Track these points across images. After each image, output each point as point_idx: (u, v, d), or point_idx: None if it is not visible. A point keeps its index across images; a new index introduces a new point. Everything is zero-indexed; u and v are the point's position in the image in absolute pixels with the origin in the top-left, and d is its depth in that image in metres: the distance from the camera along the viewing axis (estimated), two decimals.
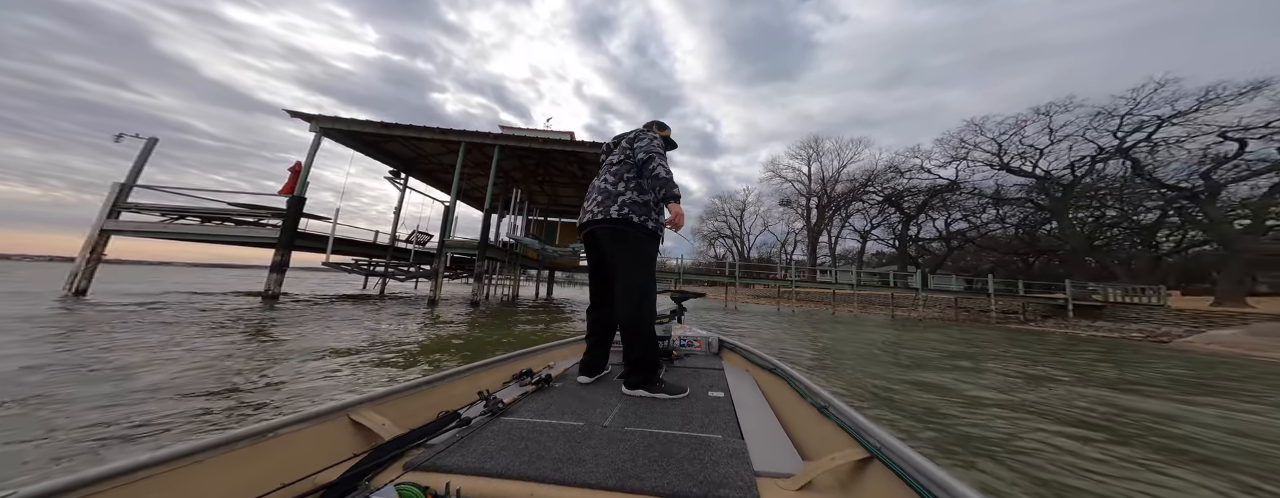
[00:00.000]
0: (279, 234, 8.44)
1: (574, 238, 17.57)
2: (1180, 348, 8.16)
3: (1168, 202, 18.48)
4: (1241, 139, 16.14)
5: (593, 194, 1.51)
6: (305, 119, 9.97)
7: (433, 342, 4.23)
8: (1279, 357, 6.82)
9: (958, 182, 24.05)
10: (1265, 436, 2.37)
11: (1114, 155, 19.06)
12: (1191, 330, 9.84)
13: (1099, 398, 3.14)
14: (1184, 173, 17.48)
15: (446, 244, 10.36)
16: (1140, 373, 4.55)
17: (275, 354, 3.18)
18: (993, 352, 5.96)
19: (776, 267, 22.39)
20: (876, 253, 33.01)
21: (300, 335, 4.09)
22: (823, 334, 7.64)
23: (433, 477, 0.74)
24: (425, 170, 14.12)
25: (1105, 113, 18.89)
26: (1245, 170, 16.19)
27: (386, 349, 3.64)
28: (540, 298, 16.96)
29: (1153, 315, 12.44)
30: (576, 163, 12.66)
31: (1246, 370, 5.23)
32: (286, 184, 9.01)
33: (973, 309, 16.69)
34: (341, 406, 0.91)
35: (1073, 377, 4.06)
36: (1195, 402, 3.20)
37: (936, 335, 8.43)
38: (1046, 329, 11.69)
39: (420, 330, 5.00)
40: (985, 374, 3.98)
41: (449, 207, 10.76)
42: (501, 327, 5.97)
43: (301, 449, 0.80)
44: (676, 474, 0.74)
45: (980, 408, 2.65)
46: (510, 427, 0.98)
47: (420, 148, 11.93)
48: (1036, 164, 21.39)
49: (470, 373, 1.32)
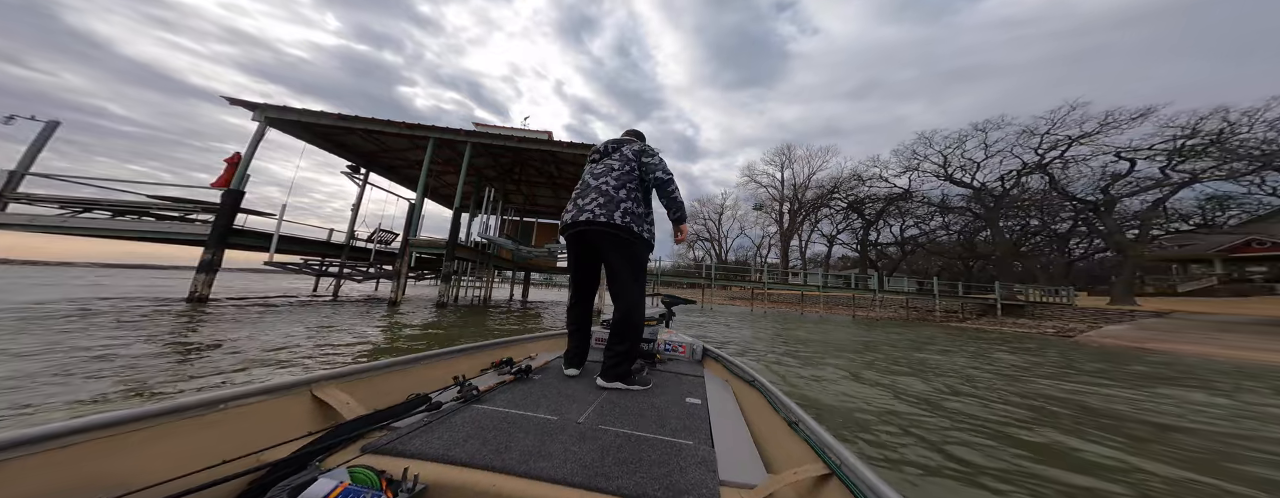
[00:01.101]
0: (210, 231, 7.61)
1: (551, 238, 17.13)
2: (1082, 341, 9.51)
3: (1077, 213, 21.34)
4: (1131, 159, 19.01)
5: (588, 193, 1.49)
6: (248, 107, 9.11)
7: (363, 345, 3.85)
8: (1156, 347, 8.20)
9: (910, 191, 26.15)
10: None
11: (1034, 170, 21.66)
12: (1092, 326, 11.48)
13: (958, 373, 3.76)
14: (1090, 188, 20.29)
15: (411, 243, 9.89)
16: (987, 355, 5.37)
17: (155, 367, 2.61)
18: (893, 340, 6.74)
19: (752, 269, 23.32)
20: (842, 257, 35.27)
21: (208, 343, 3.47)
22: (788, 333, 8.02)
23: (391, 461, 0.71)
24: (388, 166, 13.33)
25: (1029, 131, 21.37)
26: (1136, 186, 19.10)
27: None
28: (515, 300, 16.57)
29: (1063, 313, 14.31)
30: (554, 163, 12.44)
31: (1099, 354, 6.30)
32: (221, 177, 8.23)
33: (921, 309, 18.33)
34: (303, 380, 0.86)
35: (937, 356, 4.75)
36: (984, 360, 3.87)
37: (879, 333, 9.29)
38: (981, 326, 13.13)
39: (354, 336, 4.43)
40: (871, 355, 4.57)
41: (414, 205, 10.25)
42: (461, 327, 5.59)
43: (254, 423, 0.76)
44: (643, 477, 0.74)
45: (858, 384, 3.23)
46: (482, 415, 0.95)
47: (383, 143, 11.28)
48: (974, 176, 23.81)
49: (447, 357, 1.27)
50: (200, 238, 7.73)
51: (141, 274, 29.25)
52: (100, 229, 7.53)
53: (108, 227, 7.52)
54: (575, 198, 1.54)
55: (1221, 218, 20.15)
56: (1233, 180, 17.11)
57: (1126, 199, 19.31)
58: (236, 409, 0.75)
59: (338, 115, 9.63)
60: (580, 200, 1.50)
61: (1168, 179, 18.10)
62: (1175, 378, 4.68)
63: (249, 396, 0.77)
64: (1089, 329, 10.89)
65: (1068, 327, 11.62)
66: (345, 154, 12.01)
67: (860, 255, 29.60)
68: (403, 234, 10.23)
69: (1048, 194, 21.45)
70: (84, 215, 7.43)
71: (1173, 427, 2.65)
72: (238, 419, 0.75)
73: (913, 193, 26.10)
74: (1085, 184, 20.40)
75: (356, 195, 12.41)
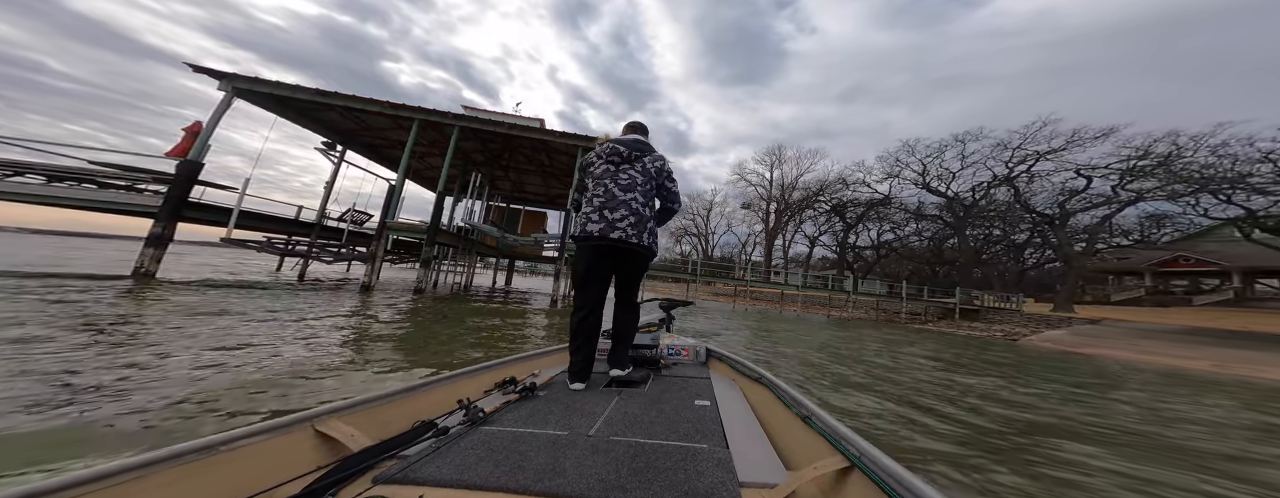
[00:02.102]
0: (162, 203, 7.05)
1: (537, 226, 16.93)
2: (1025, 345, 10.54)
3: (1034, 225, 22.95)
4: (1089, 176, 20.48)
5: (619, 207, 1.48)
6: (215, 76, 8.43)
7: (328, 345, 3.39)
8: (1087, 351, 9.22)
9: (890, 197, 27.21)
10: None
11: (1003, 183, 22.98)
12: (1034, 331, 12.66)
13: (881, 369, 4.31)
14: (1049, 202, 21.78)
15: (389, 226, 9.50)
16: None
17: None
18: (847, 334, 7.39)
19: (736, 266, 24.00)
20: (822, 258, 36.52)
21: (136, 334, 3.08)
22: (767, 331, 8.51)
23: (404, 490, 0.71)
24: (367, 144, 12.70)
25: (1003, 144, 22.50)
26: (1089, 202, 20.68)
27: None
28: (498, 287, 16.38)
29: (1012, 318, 15.65)
30: (545, 152, 12.18)
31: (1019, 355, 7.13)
32: (179, 145, 7.65)
33: (890, 311, 19.52)
34: (305, 416, 0.86)
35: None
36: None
37: (849, 333, 10.01)
38: (942, 329, 14.21)
39: (321, 328, 4.05)
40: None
41: (395, 186, 9.83)
42: (443, 323, 5.24)
43: (258, 463, 0.75)
44: (661, 485, 0.73)
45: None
46: (490, 437, 0.94)
47: (364, 121, 10.74)
48: (949, 185, 25.02)
49: (450, 381, 1.29)
50: (149, 210, 7.16)
51: (115, 245, 26.78)
52: (32, 196, 6.78)
53: (42, 193, 6.78)
54: (601, 208, 1.49)
55: (1156, 235, 22.16)
56: (1172, 201, 18.79)
57: (1079, 214, 20.91)
58: (239, 450, 0.73)
59: (316, 91, 9.07)
60: (609, 213, 1.48)
61: (1117, 197, 19.63)
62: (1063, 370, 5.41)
63: (250, 436, 0.76)
64: (1031, 334, 12.01)
65: (1014, 331, 12.76)
66: (320, 130, 11.35)
67: (838, 257, 30.75)
68: (380, 216, 9.81)
69: (1012, 206, 22.88)
70: (13, 180, 6.67)
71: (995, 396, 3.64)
72: (241, 461, 0.73)
73: (892, 199, 27.18)
74: (1045, 198, 21.84)
75: (331, 172, 11.81)
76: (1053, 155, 21.10)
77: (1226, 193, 16.85)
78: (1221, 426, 3.35)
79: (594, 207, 1.52)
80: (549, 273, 14.97)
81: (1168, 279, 24.04)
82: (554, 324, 6.49)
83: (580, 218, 1.56)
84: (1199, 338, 10.45)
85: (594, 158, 1.64)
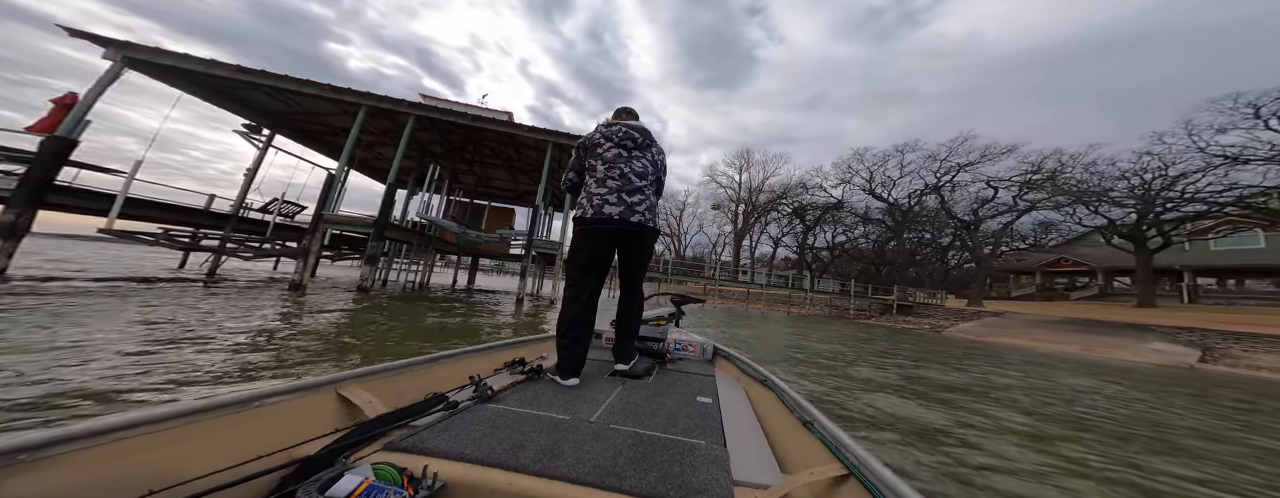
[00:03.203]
0: (17, 185, 5.95)
1: (503, 223, 16.05)
2: (946, 336, 12.38)
3: (955, 230, 26.51)
4: (996, 187, 24.07)
5: (635, 192, 1.47)
6: (99, 43, 7.21)
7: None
8: (991, 340, 11.09)
9: (843, 201, 30.01)
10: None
11: (932, 191, 26.27)
12: (953, 324, 14.86)
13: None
14: (966, 209, 25.27)
15: (326, 219, 8.47)
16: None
17: None
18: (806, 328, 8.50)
19: (706, 266, 25.12)
20: (784, 258, 39.09)
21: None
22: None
23: (412, 458, 0.74)
24: (302, 130, 11.51)
25: (933, 156, 25.70)
26: (995, 210, 24.32)
27: None
28: (460, 287, 15.72)
29: (937, 313, 18.14)
30: (513, 146, 11.70)
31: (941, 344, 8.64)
32: (45, 119, 6.51)
33: (841, 307, 21.64)
34: (330, 379, 0.91)
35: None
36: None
37: (803, 326, 11.18)
38: (880, 323, 16.13)
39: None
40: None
41: (335, 175, 8.92)
42: (360, 332, 4.32)
43: (284, 421, 0.79)
44: (656, 476, 0.74)
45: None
46: (496, 414, 0.97)
47: (299, 104, 9.71)
48: (890, 192, 28.05)
49: (463, 357, 1.32)
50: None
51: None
52: None
53: None
54: (619, 191, 1.45)
55: (1045, 240, 26.59)
56: (1057, 210, 22.70)
57: (988, 220, 24.52)
58: (269, 407, 0.78)
59: (236, 68, 8.02)
60: (628, 196, 1.45)
61: (1015, 206, 23.33)
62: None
63: (280, 393, 0.81)
64: (951, 326, 14.09)
65: (938, 323, 14.87)
66: (243, 111, 10.06)
67: (799, 258, 33.22)
68: (316, 207, 8.81)
69: (938, 212, 26.22)
70: None
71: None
72: (270, 416, 0.78)
73: (844, 204, 29.97)
74: (964, 206, 25.37)
75: (255, 158, 10.34)
76: (970, 168, 24.52)
77: (1094, 204, 20.68)
78: (1057, 388, 4.75)
79: (610, 189, 1.46)
80: (515, 272, 14.57)
81: (1053, 278, 29.02)
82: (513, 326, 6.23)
83: (592, 200, 1.46)
84: (1072, 327, 12.94)
85: (600, 139, 1.55)
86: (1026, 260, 28.13)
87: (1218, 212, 17.01)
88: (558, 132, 10.15)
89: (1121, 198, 19.41)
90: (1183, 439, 3.04)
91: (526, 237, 10.39)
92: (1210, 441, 3.07)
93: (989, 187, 24.12)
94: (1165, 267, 20.75)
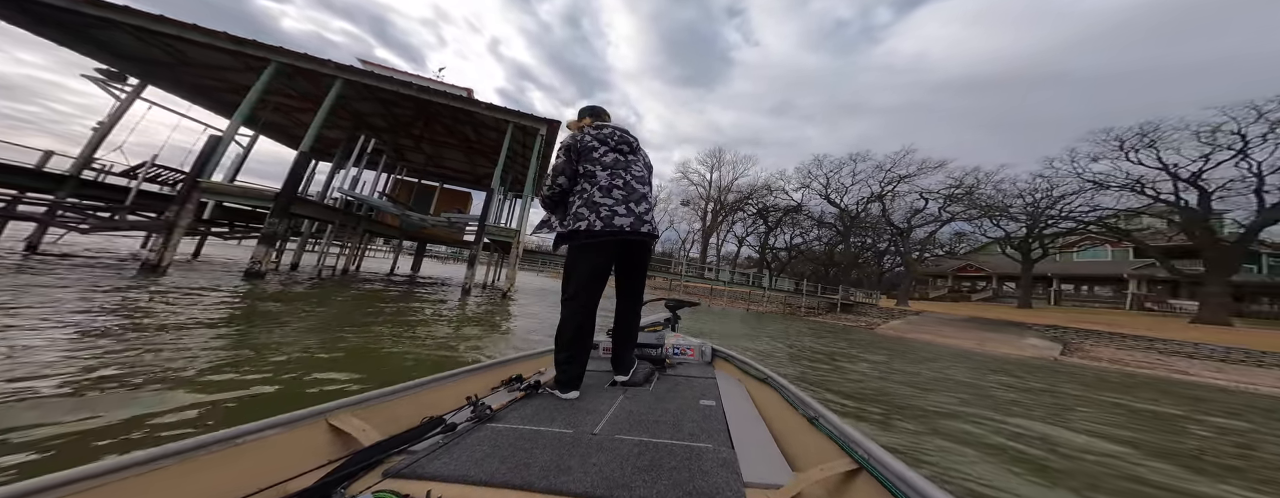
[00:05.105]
0: None
1: (453, 206, 15.00)
2: (879, 333, 14.21)
3: (892, 236, 29.91)
4: (927, 199, 27.45)
5: (640, 201, 1.42)
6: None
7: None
8: (910, 336, 12.99)
9: (801, 205, 32.35)
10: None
11: (876, 199, 29.26)
12: (885, 322, 17.05)
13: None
14: (902, 218, 28.55)
15: (203, 186, 7.07)
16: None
17: None
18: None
19: (673, 262, 25.94)
20: (747, 257, 41.21)
21: None
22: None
23: (413, 484, 0.72)
24: (193, 85, 9.95)
25: (879, 167, 28.53)
26: (924, 220, 27.80)
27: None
28: (398, 275, 14.27)
29: (872, 311, 20.61)
30: (472, 126, 10.85)
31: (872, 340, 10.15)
32: None
33: (794, 305, 23.67)
34: (318, 410, 0.88)
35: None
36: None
37: (759, 323, 12.32)
38: (826, 320, 17.98)
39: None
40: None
41: (222, 137, 7.48)
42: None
43: (274, 455, 0.77)
44: (666, 484, 0.74)
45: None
46: (497, 434, 0.95)
47: (184, 54, 8.26)
48: (842, 198, 30.78)
49: (458, 378, 1.30)
50: None
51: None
52: None
53: None
54: (625, 201, 1.39)
55: (958, 248, 30.98)
56: (969, 222, 26.51)
57: (917, 229, 27.99)
58: (255, 442, 0.75)
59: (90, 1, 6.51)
60: (634, 206, 1.40)
61: (939, 216, 26.87)
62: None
63: (266, 428, 0.78)
64: (883, 324, 16.16)
65: (873, 321, 16.95)
66: (102, 56, 8.42)
67: (760, 257, 35.32)
68: (190, 173, 7.24)
69: (880, 219, 29.33)
70: None
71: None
72: (257, 452, 0.75)
73: (803, 207, 32.35)
74: (901, 215, 28.62)
75: (111, 111, 8.51)
76: (908, 180, 27.62)
77: (996, 219, 24.46)
78: (945, 377, 5.89)
79: (617, 200, 1.38)
80: (464, 260, 13.61)
81: (960, 281, 34.09)
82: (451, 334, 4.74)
83: (597, 210, 1.35)
84: (972, 325, 15.50)
85: (593, 143, 1.47)
86: (942, 266, 32.72)
87: (1083, 229, 21.10)
88: (520, 112, 9.60)
89: (1017, 214, 23.22)
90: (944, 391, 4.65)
91: (479, 221, 9.53)
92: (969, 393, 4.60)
93: (922, 198, 27.42)
94: (1040, 274, 25.57)
